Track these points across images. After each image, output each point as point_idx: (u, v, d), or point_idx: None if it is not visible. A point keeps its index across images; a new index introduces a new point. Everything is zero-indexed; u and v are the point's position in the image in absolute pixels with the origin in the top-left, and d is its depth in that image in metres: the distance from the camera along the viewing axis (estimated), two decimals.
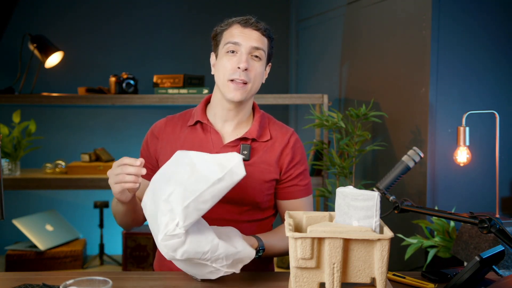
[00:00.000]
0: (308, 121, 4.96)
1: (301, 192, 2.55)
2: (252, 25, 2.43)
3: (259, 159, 2.48)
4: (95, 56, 5.62)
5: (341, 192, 2.01)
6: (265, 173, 2.47)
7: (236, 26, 2.44)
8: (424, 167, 3.59)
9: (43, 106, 5.47)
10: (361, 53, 4.50)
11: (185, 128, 2.55)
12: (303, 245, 1.83)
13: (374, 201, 1.92)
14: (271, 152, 2.50)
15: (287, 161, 2.51)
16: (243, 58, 2.39)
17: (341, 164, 4.06)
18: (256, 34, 2.43)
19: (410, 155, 2.21)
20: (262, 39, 2.44)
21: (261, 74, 2.46)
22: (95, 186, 4.56)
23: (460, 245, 3.16)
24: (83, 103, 4.60)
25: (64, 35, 5.49)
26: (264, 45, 2.45)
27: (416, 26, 3.68)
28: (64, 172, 4.80)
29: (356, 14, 4.57)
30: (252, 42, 2.41)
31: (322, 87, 5.24)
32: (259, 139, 2.51)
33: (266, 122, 2.58)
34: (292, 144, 2.54)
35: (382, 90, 4.13)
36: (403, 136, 3.84)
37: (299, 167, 2.54)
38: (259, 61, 2.43)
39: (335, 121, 4.02)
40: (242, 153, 2.45)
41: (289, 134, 2.57)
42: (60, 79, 5.47)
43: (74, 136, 5.56)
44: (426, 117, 3.58)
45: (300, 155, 2.56)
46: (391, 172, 2.21)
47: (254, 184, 2.45)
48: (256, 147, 2.50)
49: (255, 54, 2.42)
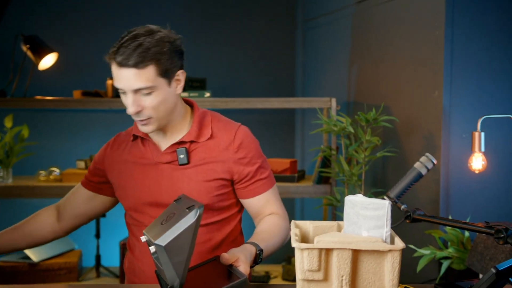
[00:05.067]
0: (315, 126, 4.97)
1: (264, 186, 2.55)
2: (124, 62, 2.27)
3: (200, 160, 2.49)
4: (91, 58, 5.62)
5: (350, 201, 2.01)
6: (209, 173, 2.48)
7: (114, 65, 2.31)
8: (437, 174, 3.59)
9: (37, 110, 5.48)
10: (371, 54, 4.51)
11: (130, 143, 2.60)
12: (310, 257, 1.84)
13: (384, 210, 1.92)
14: (214, 150, 2.50)
15: (238, 159, 2.50)
16: (129, 103, 2.32)
17: (350, 171, 4.06)
18: (131, 73, 2.28)
19: (423, 161, 2.21)
20: (142, 74, 2.29)
21: (162, 101, 2.36)
22: None
23: (475, 256, 3.16)
24: (79, 107, 4.62)
25: (59, 35, 5.51)
26: (150, 77, 2.30)
27: (428, 26, 3.69)
28: (59, 179, 4.81)
29: (366, 13, 4.58)
30: (130, 84, 2.29)
31: (330, 90, 5.25)
32: (198, 139, 2.50)
33: (208, 120, 2.56)
34: (239, 140, 2.52)
35: (393, 93, 4.14)
36: (415, 141, 3.84)
37: (255, 161, 2.53)
38: (151, 94, 2.33)
39: (344, 126, 4.03)
40: (179, 158, 2.46)
41: (234, 129, 2.54)
42: (54, 81, 5.49)
43: (69, 141, 5.58)
44: (439, 121, 3.58)
45: (254, 150, 2.55)
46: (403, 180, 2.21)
47: (197, 186, 2.46)
48: (197, 148, 2.50)
49: (143, 92, 2.31)
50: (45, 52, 4.87)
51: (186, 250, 1.86)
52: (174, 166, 2.49)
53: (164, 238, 1.82)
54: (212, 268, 2.16)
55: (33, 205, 5.48)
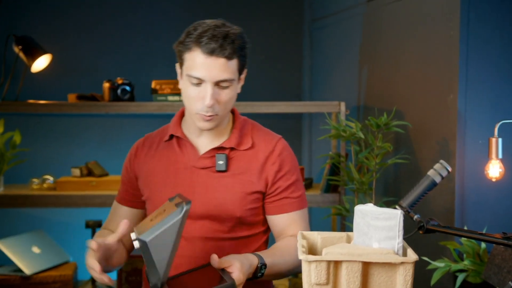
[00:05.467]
0: (323, 132, 4.97)
1: (293, 205, 2.53)
2: (216, 52, 2.31)
3: (238, 169, 2.49)
4: (87, 60, 5.64)
5: (360, 211, 2.01)
6: (246, 185, 2.48)
7: (198, 53, 2.34)
8: (452, 182, 3.59)
9: (29, 115, 5.49)
10: (382, 56, 4.51)
11: (162, 144, 2.60)
12: (318, 269, 1.84)
13: (396, 220, 1.92)
14: (253, 161, 2.51)
15: (273, 172, 2.51)
16: (208, 95, 2.34)
17: (360, 179, 4.06)
18: (221, 62, 2.33)
19: (437, 169, 2.21)
20: (229, 65, 2.35)
21: (232, 97, 2.43)
22: (86, 203, 4.58)
23: (492, 269, 3.16)
24: (74, 111, 4.62)
25: (53, 36, 5.52)
26: (233, 71, 2.37)
27: (443, 26, 3.69)
28: (53, 188, 4.81)
29: (377, 12, 4.58)
30: (217, 74, 2.33)
31: (339, 94, 5.25)
32: (239, 147, 2.52)
33: (248, 129, 2.59)
34: (278, 152, 2.54)
35: (406, 97, 4.14)
36: (429, 148, 3.84)
37: (289, 177, 2.53)
38: (228, 88, 2.38)
39: (353, 131, 4.03)
40: (217, 163, 2.47)
41: (274, 141, 2.57)
42: (48, 84, 5.50)
43: (63, 148, 5.58)
44: (454, 127, 3.58)
45: (290, 164, 2.56)
46: (416, 188, 2.21)
47: (233, 197, 2.46)
48: (236, 157, 2.51)
49: (222, 85, 2.36)
50: (38, 54, 4.87)
51: (169, 247, 1.89)
52: (211, 173, 2.48)
53: (148, 234, 1.86)
54: (205, 272, 2.16)
55: (26, 215, 5.50)
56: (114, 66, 5.63)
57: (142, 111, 4.63)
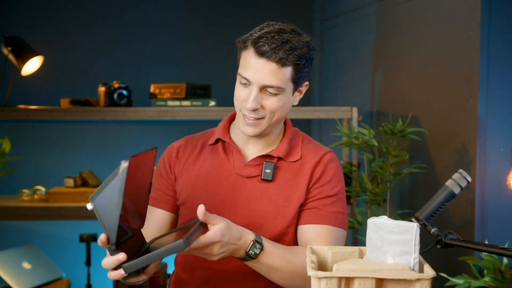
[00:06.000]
0: (334, 139, 4.98)
1: (323, 218, 2.48)
2: (268, 54, 2.32)
3: (284, 181, 2.49)
4: (81, 62, 5.65)
5: (374, 223, 2.01)
6: (291, 198, 2.47)
7: (251, 51, 2.36)
8: (472, 193, 3.59)
9: (19, 121, 5.50)
10: (397, 58, 4.52)
11: (206, 148, 2.60)
12: (328, 286, 1.84)
13: (412, 234, 1.93)
14: (300, 173, 2.51)
15: (313, 180, 2.50)
16: (251, 98, 2.36)
17: (373, 190, 4.06)
18: (272, 67, 2.34)
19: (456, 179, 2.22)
20: (280, 72, 2.34)
21: (281, 107, 2.41)
22: (81, 216, 4.57)
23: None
24: (67, 117, 4.63)
25: (45, 36, 5.54)
26: (284, 79, 2.36)
27: (462, 26, 3.69)
28: (45, 199, 4.82)
29: (391, 11, 4.59)
30: (263, 79, 2.34)
31: (350, 99, 5.25)
32: (287, 158, 2.52)
33: (298, 141, 2.59)
34: (323, 162, 2.53)
35: (422, 102, 4.14)
36: (447, 156, 3.84)
37: (327, 189, 2.50)
38: (276, 96, 2.38)
39: (366, 138, 4.03)
40: (264, 172, 2.47)
41: (322, 152, 2.57)
42: (39, 89, 5.51)
43: (56, 157, 5.59)
44: (474, 134, 3.58)
45: (332, 177, 2.53)
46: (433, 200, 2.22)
47: (275, 209, 2.45)
48: (283, 167, 2.51)
49: (269, 91, 2.37)
50: (29, 56, 4.88)
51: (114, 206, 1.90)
52: (256, 182, 2.48)
53: (95, 195, 1.90)
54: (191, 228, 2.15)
55: (16, 228, 5.51)
56: (110, 68, 5.64)
57: (140, 117, 4.63)
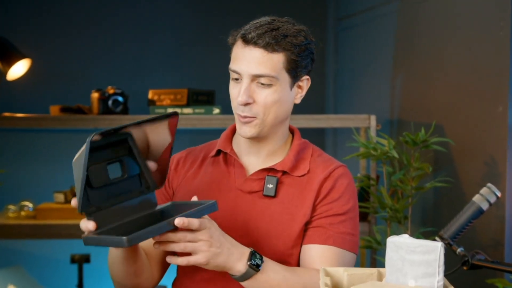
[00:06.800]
0: (350, 150, 4.98)
1: (329, 239, 2.45)
2: (253, 40, 2.35)
3: (289, 197, 2.48)
4: (72, 66, 5.67)
5: (394, 243, 2.02)
6: (296, 216, 2.45)
7: (239, 42, 2.40)
8: (502, 209, 3.59)
9: (5, 130, 5.52)
10: (419, 61, 4.52)
11: (207, 160, 2.61)
12: None
13: (436, 254, 1.93)
14: (307, 189, 2.49)
15: (321, 197, 2.48)
16: (242, 90, 2.37)
17: (393, 206, 4.06)
18: (259, 53, 2.36)
19: (484, 194, 2.22)
20: (269, 59, 2.36)
21: (276, 101, 2.41)
22: (72, 235, 4.58)
23: None
24: (57, 126, 4.64)
25: (33, 38, 5.56)
26: (276, 66, 2.37)
27: (491, 26, 3.70)
28: (32, 216, 4.82)
29: (412, 10, 4.60)
30: (251, 67, 2.36)
31: (368, 106, 5.26)
32: (293, 172, 2.51)
33: (307, 154, 2.59)
34: (333, 177, 2.51)
35: (447, 109, 4.15)
36: (474, 169, 3.85)
37: (336, 206, 2.48)
38: (269, 88, 2.39)
39: (386, 149, 4.04)
40: (266, 187, 2.47)
41: (333, 166, 2.55)
42: (27, 94, 5.53)
43: (45, 169, 5.61)
44: (504, 144, 3.58)
45: (343, 192, 2.50)
46: (459, 217, 2.22)
47: (278, 227, 2.44)
48: (288, 182, 2.50)
49: (260, 82, 2.38)
50: (15, 58, 4.88)
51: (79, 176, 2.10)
52: (257, 199, 2.48)
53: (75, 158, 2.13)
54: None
55: (0, 248, 5.51)
56: (104, 72, 5.66)
57: None
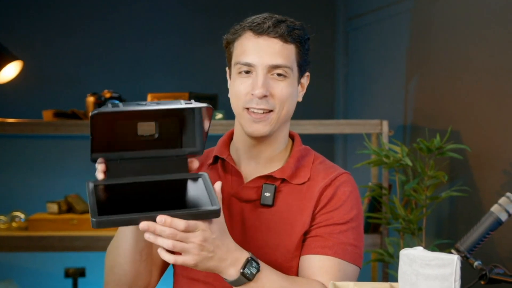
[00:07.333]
0: (361, 158, 4.99)
1: (327, 248, 2.42)
2: (268, 30, 2.39)
3: (288, 206, 2.47)
4: (66, 68, 5.68)
5: (407, 256, 2.03)
6: (295, 226, 2.45)
7: (248, 34, 2.43)
8: None
9: None
10: (434, 63, 4.53)
11: (204, 169, 2.60)
12: None
13: (452, 267, 1.94)
14: (308, 198, 2.48)
15: (321, 205, 2.47)
16: (259, 82, 2.38)
17: (406, 216, 4.07)
18: (275, 43, 2.40)
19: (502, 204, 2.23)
20: (285, 49, 2.41)
21: (290, 95, 2.45)
22: (66, 247, 4.58)
23: None
24: (51, 132, 4.66)
25: (25, 39, 5.57)
26: (290, 58, 2.42)
27: (511, 25, 3.70)
28: (24, 227, 4.83)
29: (428, 8, 4.60)
30: (269, 58, 2.38)
31: (380, 111, 5.27)
32: (292, 180, 2.50)
33: (308, 161, 2.58)
34: (336, 184, 2.50)
35: (464, 114, 4.15)
36: (493, 178, 3.85)
37: (337, 215, 2.45)
38: (284, 80, 2.42)
39: (399, 157, 4.04)
40: (263, 195, 2.47)
41: (335, 173, 2.53)
42: (18, 98, 5.54)
43: (37, 178, 5.62)
44: None
45: (345, 201, 2.48)
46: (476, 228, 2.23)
47: (276, 238, 2.45)
48: (287, 191, 2.50)
49: (277, 73, 2.40)
50: (6, 60, 4.89)
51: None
52: (254, 208, 2.48)
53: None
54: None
55: None
56: (100, 76, 5.67)
57: None
